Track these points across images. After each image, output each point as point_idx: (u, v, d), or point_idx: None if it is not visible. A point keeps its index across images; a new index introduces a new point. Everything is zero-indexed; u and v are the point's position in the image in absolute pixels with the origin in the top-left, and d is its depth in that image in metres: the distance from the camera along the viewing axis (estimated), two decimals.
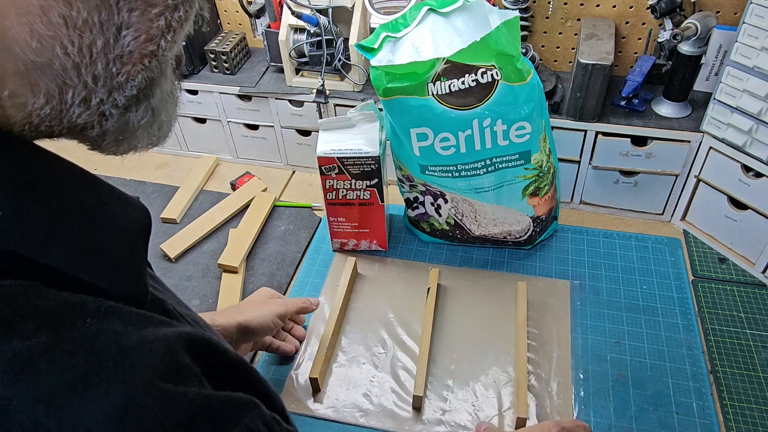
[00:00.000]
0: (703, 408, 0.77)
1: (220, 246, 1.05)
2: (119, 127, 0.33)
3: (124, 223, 0.33)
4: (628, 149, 1.00)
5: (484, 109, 0.83)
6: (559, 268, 0.98)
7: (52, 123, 0.29)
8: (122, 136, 0.33)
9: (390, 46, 0.83)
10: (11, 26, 0.26)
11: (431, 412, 0.79)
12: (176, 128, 1.26)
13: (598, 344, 0.86)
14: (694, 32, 0.91)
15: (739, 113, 0.88)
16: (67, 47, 0.27)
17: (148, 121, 0.34)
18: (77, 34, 0.27)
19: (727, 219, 0.98)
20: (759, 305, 0.91)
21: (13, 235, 0.27)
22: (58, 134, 0.31)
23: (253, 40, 1.24)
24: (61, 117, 0.29)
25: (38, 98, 0.28)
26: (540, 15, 1.08)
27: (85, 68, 0.28)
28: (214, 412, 0.29)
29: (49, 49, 0.27)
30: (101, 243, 0.31)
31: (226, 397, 0.30)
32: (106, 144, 0.33)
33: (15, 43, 0.26)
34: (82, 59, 0.28)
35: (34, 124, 0.29)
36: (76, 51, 0.28)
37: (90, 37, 0.28)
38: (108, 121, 0.31)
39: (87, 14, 0.27)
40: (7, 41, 0.26)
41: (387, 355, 0.86)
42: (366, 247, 1.03)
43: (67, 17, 0.27)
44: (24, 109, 0.28)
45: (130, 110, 0.32)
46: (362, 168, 0.90)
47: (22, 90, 0.27)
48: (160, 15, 0.29)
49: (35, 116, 0.28)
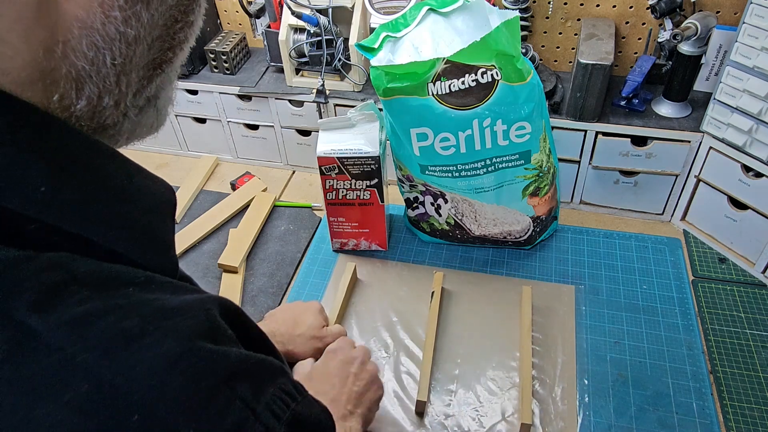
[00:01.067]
0: (703, 408, 0.77)
1: (220, 246, 1.05)
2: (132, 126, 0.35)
3: (153, 199, 0.35)
4: (628, 149, 1.00)
5: (484, 109, 0.83)
6: (559, 268, 0.98)
7: (85, 122, 0.31)
8: (132, 133, 0.36)
9: (390, 46, 0.83)
10: (72, 38, 0.28)
11: (434, 416, 0.78)
12: (176, 128, 1.26)
13: (598, 344, 0.86)
14: (694, 32, 0.91)
15: (739, 113, 0.88)
16: (116, 58, 0.30)
17: (152, 120, 0.37)
18: (126, 47, 0.30)
19: (727, 219, 0.98)
20: (759, 305, 0.91)
21: (53, 208, 0.28)
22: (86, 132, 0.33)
23: (253, 40, 1.24)
24: (93, 116, 0.31)
25: (81, 101, 0.30)
26: (540, 15, 1.08)
27: (125, 76, 0.31)
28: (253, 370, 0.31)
29: (100, 59, 0.30)
30: (133, 217, 0.33)
31: (262, 359, 0.32)
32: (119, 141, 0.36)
33: (73, 52, 0.29)
34: (125, 68, 0.31)
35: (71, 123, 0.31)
36: (121, 62, 0.30)
37: (134, 49, 0.31)
38: (127, 121, 0.34)
39: (136, 31, 0.30)
40: (66, 51, 0.28)
41: (390, 358, 0.86)
42: (366, 247, 1.03)
43: (123, 33, 0.30)
44: (68, 111, 0.30)
45: (143, 111, 0.35)
46: (362, 168, 0.90)
47: (69, 93, 0.30)
48: (181, 29, 0.33)
49: (74, 117, 0.31)
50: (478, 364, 0.84)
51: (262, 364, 0.32)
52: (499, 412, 0.78)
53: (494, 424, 0.77)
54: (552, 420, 0.77)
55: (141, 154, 1.32)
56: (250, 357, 0.31)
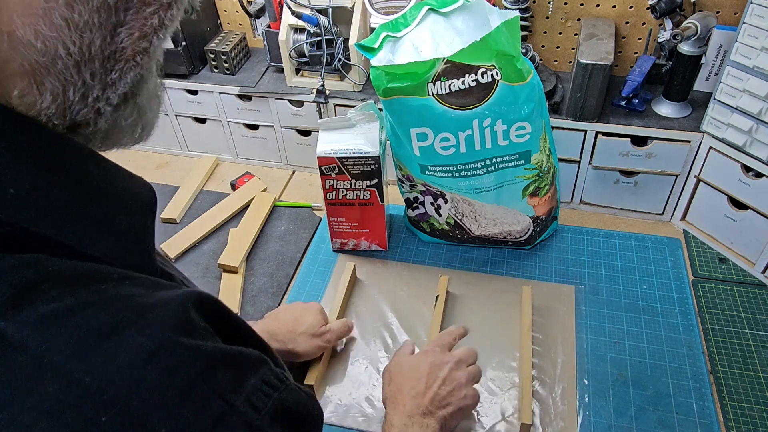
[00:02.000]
0: (703, 408, 0.77)
1: (220, 246, 1.05)
2: (108, 126, 0.34)
3: (132, 199, 0.34)
4: (628, 149, 1.00)
5: (484, 109, 0.83)
6: (559, 268, 0.98)
7: (57, 120, 0.30)
8: (109, 134, 0.35)
9: (390, 46, 0.83)
10: (16, 28, 0.27)
11: None
12: (176, 128, 1.26)
13: (598, 344, 0.86)
14: (694, 32, 0.91)
15: (739, 113, 0.88)
16: (69, 47, 0.28)
17: (134, 119, 0.35)
18: (78, 34, 0.28)
19: (727, 219, 0.98)
20: (759, 305, 0.91)
21: (26, 212, 0.28)
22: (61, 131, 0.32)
23: (253, 40, 1.24)
24: (64, 114, 0.30)
25: (45, 97, 0.29)
26: (540, 15, 1.08)
27: (84, 66, 0.29)
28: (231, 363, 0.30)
29: (52, 50, 0.28)
30: (110, 219, 0.32)
31: (240, 351, 0.32)
32: (94, 143, 0.34)
33: (20, 44, 0.27)
34: (82, 58, 0.29)
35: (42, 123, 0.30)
36: (77, 50, 0.29)
37: (89, 37, 0.29)
38: (101, 119, 0.32)
39: (88, 16, 0.28)
40: (14, 42, 0.27)
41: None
42: (366, 247, 1.03)
43: (69, 19, 0.28)
44: (33, 108, 0.29)
45: (119, 109, 0.33)
46: (362, 168, 0.90)
47: (29, 89, 0.29)
48: (154, 13, 0.30)
49: (43, 115, 0.30)
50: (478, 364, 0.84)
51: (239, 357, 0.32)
52: (499, 412, 0.78)
53: (494, 424, 0.77)
54: (552, 420, 0.77)
55: (141, 154, 1.32)
56: (226, 350, 0.31)
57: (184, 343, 0.28)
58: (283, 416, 0.32)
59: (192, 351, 0.29)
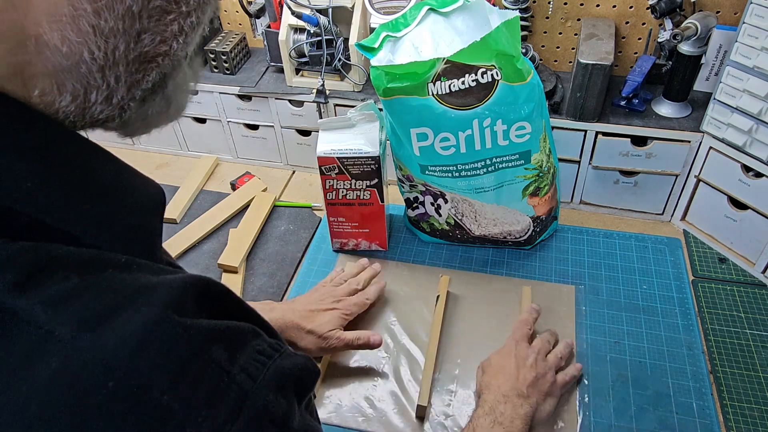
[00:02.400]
0: (703, 408, 0.77)
1: (220, 246, 1.05)
2: (138, 116, 0.36)
3: (140, 198, 0.36)
4: (628, 149, 1.00)
5: (484, 109, 0.83)
6: (559, 268, 0.98)
7: (76, 119, 0.32)
8: (142, 122, 0.37)
9: (390, 46, 0.83)
10: (43, 32, 0.28)
11: (434, 416, 0.78)
12: (176, 128, 1.26)
13: (598, 344, 0.86)
14: (694, 32, 0.91)
15: (739, 113, 0.88)
16: (94, 52, 0.30)
17: (162, 108, 0.37)
18: (103, 40, 0.30)
19: (727, 219, 0.98)
20: (759, 305, 0.91)
21: (37, 204, 0.29)
22: (81, 127, 0.33)
23: (253, 40, 1.24)
24: (84, 114, 0.32)
25: (65, 97, 0.30)
26: (540, 15, 1.08)
27: (109, 70, 0.31)
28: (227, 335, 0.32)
29: (77, 54, 0.30)
30: (119, 215, 0.34)
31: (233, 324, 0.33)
32: (134, 129, 0.37)
33: (46, 47, 0.29)
34: (106, 62, 0.31)
35: (60, 120, 0.31)
36: (101, 55, 0.30)
37: (114, 43, 0.30)
38: (127, 113, 0.34)
39: (113, 23, 0.30)
40: (40, 45, 0.29)
41: (390, 358, 0.86)
42: (366, 247, 1.03)
43: (95, 26, 0.29)
44: (52, 107, 0.31)
45: (147, 101, 0.35)
46: (362, 168, 0.90)
47: (50, 89, 0.30)
48: (174, 21, 0.32)
49: (61, 113, 0.31)
50: (478, 364, 0.84)
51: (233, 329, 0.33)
52: None
53: None
54: (552, 420, 0.77)
55: (141, 154, 1.32)
56: (220, 324, 0.32)
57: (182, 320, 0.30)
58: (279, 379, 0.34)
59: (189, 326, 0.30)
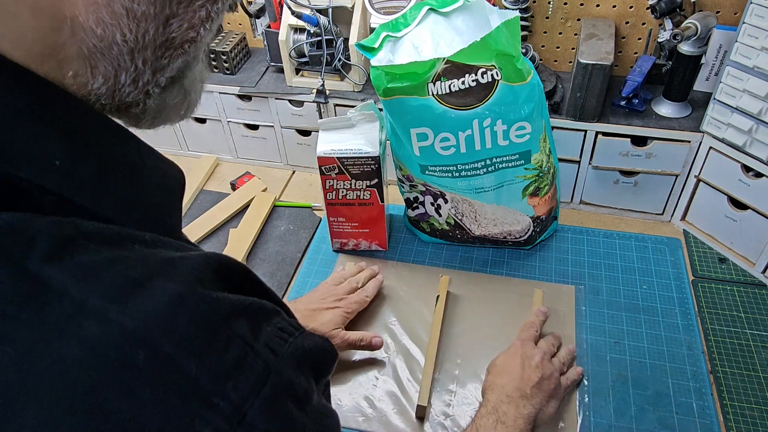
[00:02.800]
0: (703, 408, 0.77)
1: (220, 246, 1.05)
2: (157, 106, 0.36)
3: (164, 180, 0.37)
4: (628, 149, 1.00)
5: (484, 109, 0.83)
6: (559, 268, 0.98)
7: (105, 101, 0.33)
8: (158, 113, 0.37)
9: (390, 46, 0.83)
10: (79, 14, 0.29)
11: (434, 416, 0.78)
12: (176, 128, 1.26)
13: (598, 344, 0.86)
14: (694, 32, 0.91)
15: (739, 113, 0.88)
16: (126, 35, 0.31)
17: (180, 100, 0.38)
18: (135, 23, 0.31)
19: (727, 219, 0.98)
20: (759, 305, 0.91)
21: (68, 183, 0.30)
22: (108, 111, 0.34)
23: (253, 40, 1.24)
24: (113, 95, 0.33)
25: (97, 79, 0.32)
26: (540, 15, 1.08)
27: (138, 53, 0.32)
28: (250, 311, 0.33)
29: (110, 36, 0.31)
30: (144, 196, 0.35)
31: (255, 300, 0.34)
32: (144, 121, 0.37)
33: (81, 29, 0.30)
34: (137, 45, 0.32)
35: (91, 102, 0.32)
36: (132, 38, 0.31)
37: (145, 26, 0.31)
38: (150, 100, 0.35)
39: (145, 7, 0.31)
40: (75, 27, 0.30)
41: (389, 358, 0.86)
42: (366, 247, 1.03)
43: (129, 9, 0.30)
44: (84, 89, 0.32)
45: (167, 90, 0.36)
46: (362, 168, 0.90)
47: (83, 71, 0.31)
48: (202, 6, 0.33)
49: (93, 95, 0.32)
50: (478, 364, 0.84)
51: (256, 305, 0.34)
52: None
53: None
54: (554, 421, 0.77)
55: None
56: (243, 300, 0.33)
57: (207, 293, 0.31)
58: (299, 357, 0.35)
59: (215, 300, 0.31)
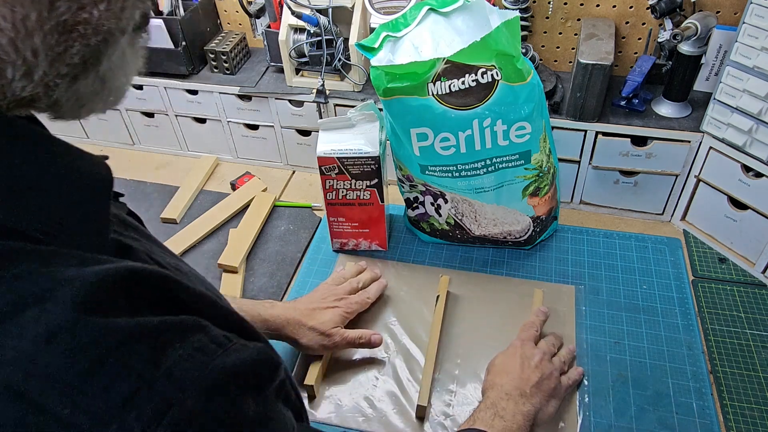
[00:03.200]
0: (703, 408, 0.77)
1: (220, 246, 1.05)
2: (70, 96, 0.33)
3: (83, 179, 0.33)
4: (628, 149, 1.00)
5: (484, 109, 0.83)
6: (559, 268, 0.98)
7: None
8: (77, 103, 0.34)
9: (390, 46, 0.83)
10: None
11: (434, 416, 0.78)
12: (176, 128, 1.26)
13: (598, 344, 0.86)
14: (694, 32, 0.91)
15: (739, 113, 0.88)
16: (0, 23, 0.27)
17: (97, 88, 0.34)
18: (8, 9, 0.27)
19: (727, 219, 0.98)
20: (759, 305, 0.91)
21: None
22: (7, 109, 0.31)
23: (253, 40, 1.24)
24: (4, 92, 0.29)
25: None
26: (540, 15, 1.08)
27: (22, 43, 0.28)
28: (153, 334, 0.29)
29: None
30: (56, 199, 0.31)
31: (162, 321, 0.30)
32: (65, 112, 0.34)
33: None
34: (17, 34, 0.27)
35: None
36: (9, 26, 0.27)
37: (22, 12, 0.27)
38: (56, 92, 0.31)
39: None
40: None
41: (389, 358, 0.86)
42: (366, 247, 1.03)
43: None
44: None
45: (78, 79, 0.32)
46: (362, 168, 0.90)
47: None
48: None
49: None
50: (478, 364, 0.84)
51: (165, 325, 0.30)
52: None
53: None
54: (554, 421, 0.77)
55: (141, 155, 1.32)
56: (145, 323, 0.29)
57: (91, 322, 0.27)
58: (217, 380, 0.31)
59: (101, 329, 0.28)
